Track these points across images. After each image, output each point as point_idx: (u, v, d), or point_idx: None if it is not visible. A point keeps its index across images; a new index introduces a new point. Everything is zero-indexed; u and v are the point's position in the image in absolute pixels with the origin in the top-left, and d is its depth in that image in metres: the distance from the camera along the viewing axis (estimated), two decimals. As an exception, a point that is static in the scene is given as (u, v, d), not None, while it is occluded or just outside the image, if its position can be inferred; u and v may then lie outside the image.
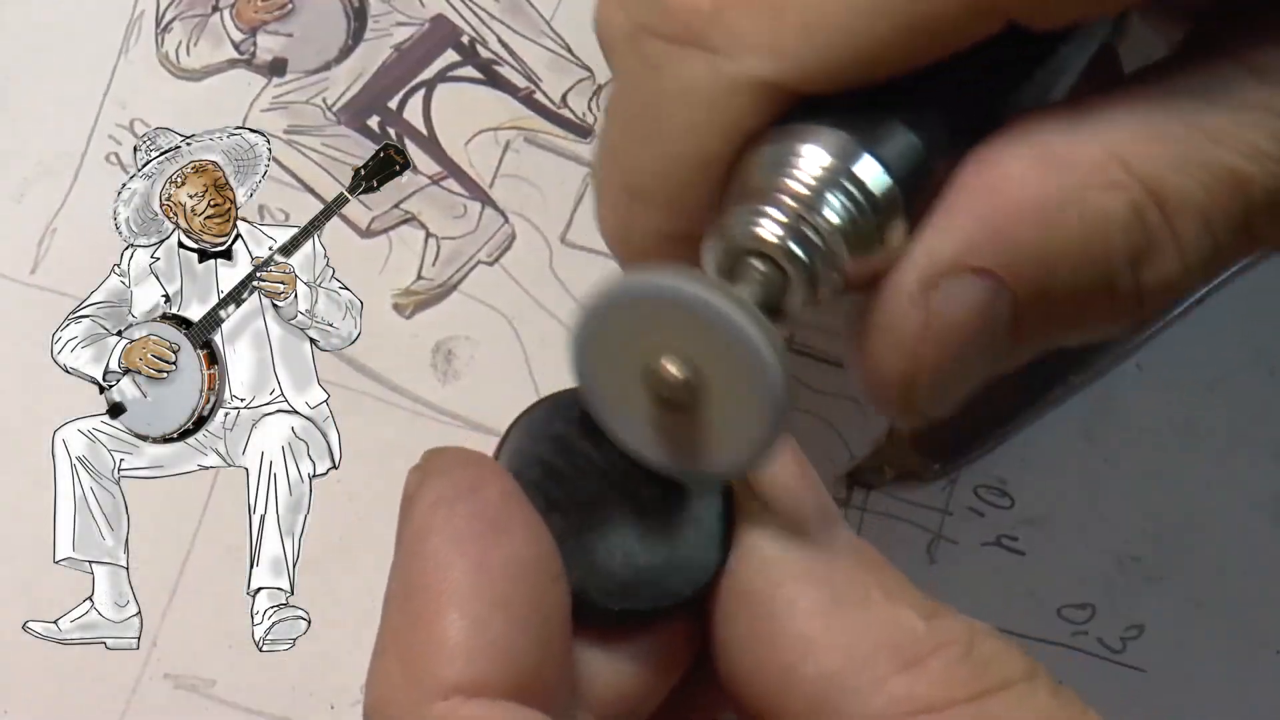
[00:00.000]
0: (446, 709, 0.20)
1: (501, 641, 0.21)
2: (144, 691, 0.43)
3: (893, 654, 0.21)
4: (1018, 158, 0.24)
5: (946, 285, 0.24)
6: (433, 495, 0.22)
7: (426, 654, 0.21)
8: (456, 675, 0.21)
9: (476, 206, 0.47)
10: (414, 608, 0.21)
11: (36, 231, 0.46)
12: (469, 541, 0.22)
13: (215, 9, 0.48)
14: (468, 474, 0.23)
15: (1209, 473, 0.45)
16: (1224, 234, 0.24)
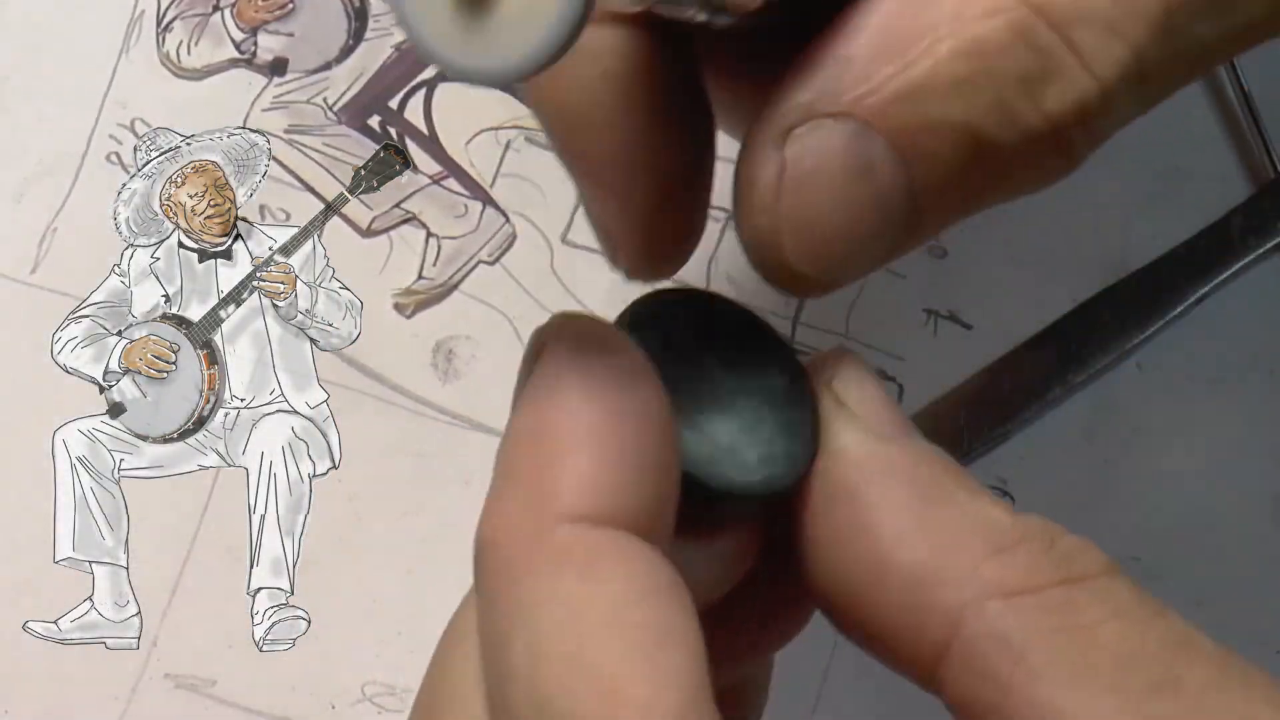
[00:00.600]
0: (572, 533, 0.21)
1: (630, 483, 0.21)
2: (144, 691, 0.43)
3: (982, 542, 0.22)
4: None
5: (802, 132, 0.23)
6: (568, 346, 0.22)
7: (555, 485, 0.21)
8: (585, 504, 0.21)
9: (477, 206, 0.47)
10: (544, 445, 0.22)
11: (36, 231, 0.46)
12: (605, 389, 0.22)
13: (216, 8, 0.48)
14: (601, 333, 0.23)
15: (1209, 473, 0.45)
16: (1143, 39, 0.22)
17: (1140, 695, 0.21)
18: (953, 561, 0.22)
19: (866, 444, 0.23)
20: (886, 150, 0.23)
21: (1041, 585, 0.22)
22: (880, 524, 0.23)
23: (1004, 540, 0.22)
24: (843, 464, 0.23)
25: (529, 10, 0.21)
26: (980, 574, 0.22)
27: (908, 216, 0.24)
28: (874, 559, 0.22)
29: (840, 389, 0.24)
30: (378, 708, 0.43)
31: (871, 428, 0.24)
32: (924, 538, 0.22)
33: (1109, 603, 0.22)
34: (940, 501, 0.23)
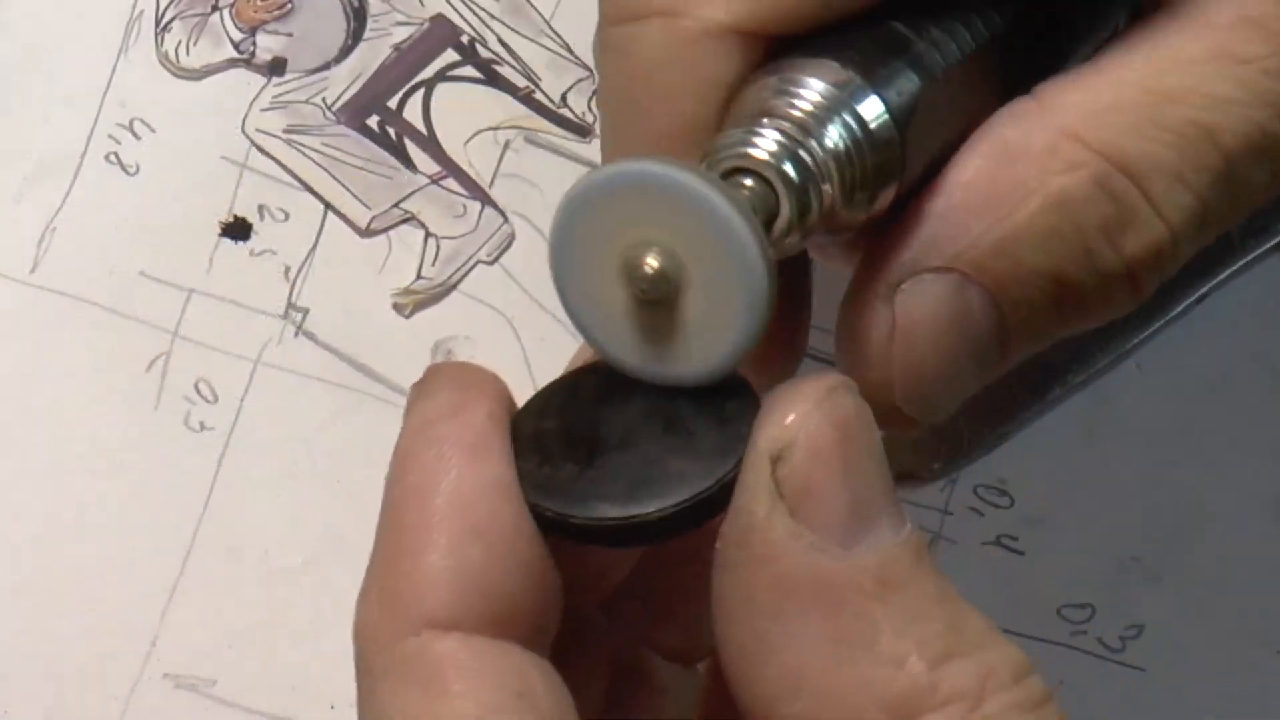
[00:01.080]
0: (420, 644, 0.20)
1: (477, 572, 0.21)
2: (144, 691, 0.43)
3: (887, 711, 0.20)
4: (974, 154, 0.24)
5: (910, 286, 0.24)
6: (419, 418, 0.22)
7: (403, 585, 0.21)
8: (431, 609, 0.20)
9: (476, 206, 0.47)
10: (393, 536, 0.21)
11: (36, 231, 0.46)
12: (451, 465, 0.21)
13: (215, 8, 0.48)
14: (455, 395, 0.22)
15: (1209, 473, 0.45)
16: (1206, 188, 0.24)
17: None
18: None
19: (791, 555, 0.21)
20: (983, 298, 0.24)
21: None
22: (780, 660, 0.20)
23: (915, 707, 0.20)
24: (758, 574, 0.21)
25: (711, 323, 0.21)
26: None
27: (998, 358, 0.25)
28: (769, 692, 0.21)
29: (783, 473, 0.21)
30: (377, 708, 0.43)
31: (806, 531, 0.21)
32: (821, 694, 0.20)
33: None
34: (856, 647, 0.20)
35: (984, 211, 0.23)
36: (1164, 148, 0.24)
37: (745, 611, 0.21)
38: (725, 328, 0.21)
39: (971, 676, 0.20)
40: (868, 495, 0.21)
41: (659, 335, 0.22)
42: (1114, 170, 0.24)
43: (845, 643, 0.20)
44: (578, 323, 0.23)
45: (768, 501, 0.21)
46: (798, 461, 0.21)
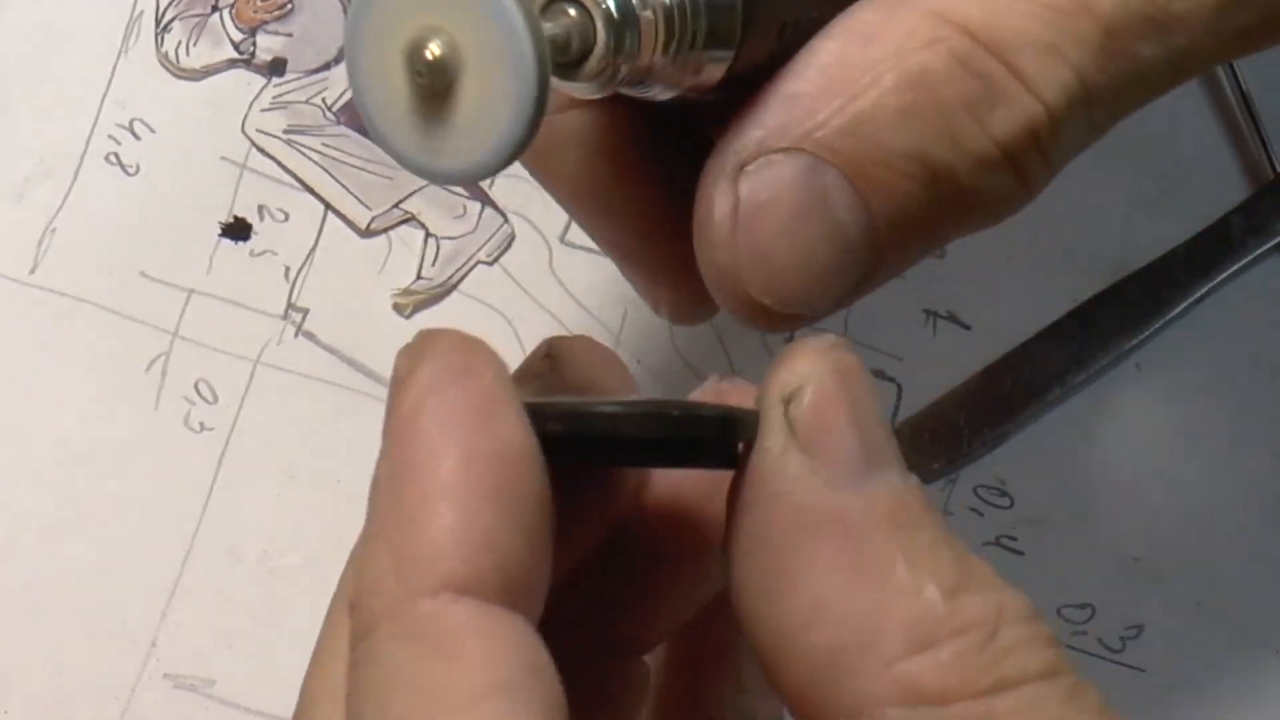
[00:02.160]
0: (435, 607, 0.20)
1: (490, 536, 0.20)
2: (144, 691, 0.43)
3: (906, 634, 0.20)
4: (830, 37, 0.23)
5: (755, 168, 0.23)
6: (424, 379, 0.21)
7: (416, 547, 0.20)
8: (446, 572, 0.20)
9: (476, 206, 0.47)
10: (403, 497, 0.21)
11: (36, 231, 0.46)
12: (459, 429, 0.21)
13: (215, 9, 0.48)
14: (460, 358, 0.22)
15: (1209, 473, 0.45)
16: (1086, 62, 0.23)
17: None
18: (864, 652, 0.20)
19: (806, 491, 0.21)
20: (840, 182, 0.23)
21: (959, 693, 0.20)
22: (800, 592, 0.21)
23: (934, 632, 0.20)
24: (774, 510, 0.21)
25: (483, 116, 0.21)
26: (893, 671, 0.20)
27: (867, 251, 0.24)
28: (787, 626, 0.21)
29: (795, 412, 0.21)
30: (377, 708, 0.43)
31: (819, 467, 0.21)
32: (840, 618, 0.20)
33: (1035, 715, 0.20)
34: (874, 572, 0.20)
35: (837, 91, 0.23)
36: (1033, 21, 0.22)
37: (763, 548, 0.21)
38: (497, 120, 0.21)
39: (987, 609, 0.21)
40: (875, 439, 0.22)
41: (436, 128, 0.21)
42: (976, 45, 0.23)
43: (863, 571, 0.20)
44: (363, 112, 0.22)
45: (782, 439, 0.21)
46: (808, 401, 0.21)
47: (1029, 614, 0.21)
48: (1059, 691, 0.20)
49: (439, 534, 0.20)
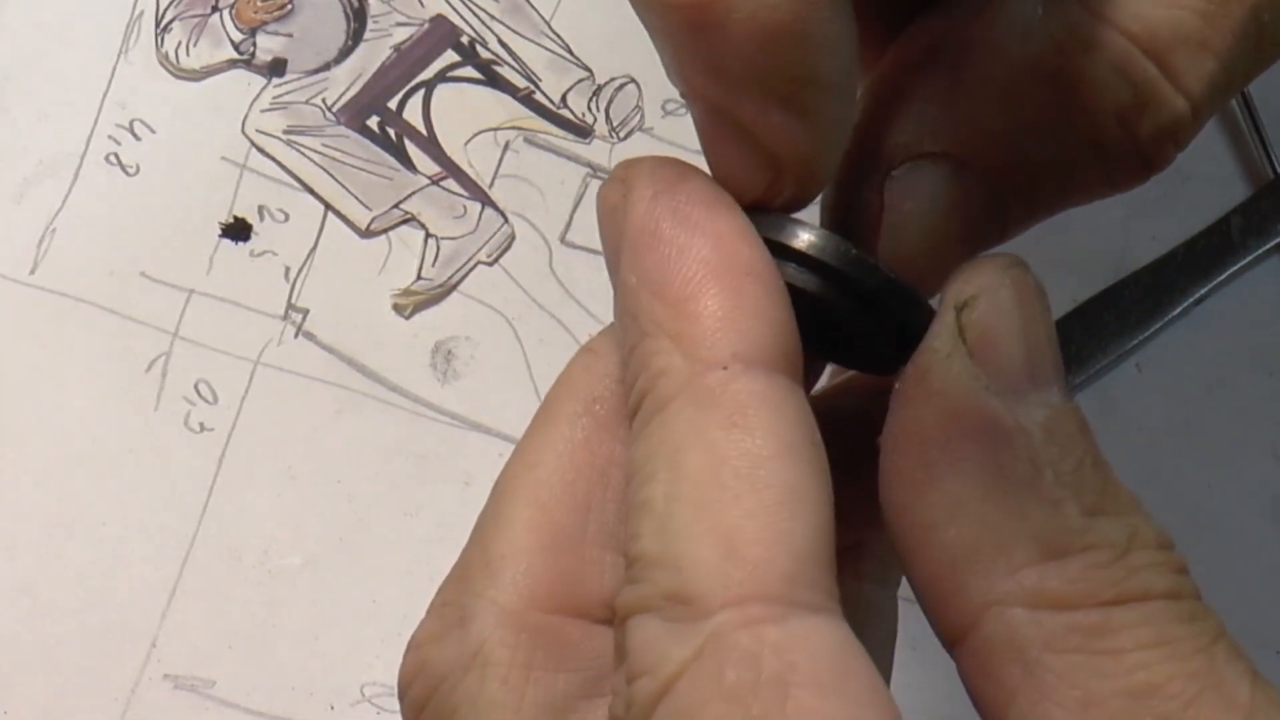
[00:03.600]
0: (727, 376, 0.21)
1: (761, 307, 0.21)
2: (144, 691, 0.43)
3: (1037, 543, 0.21)
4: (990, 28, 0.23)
5: (902, 173, 0.24)
6: (648, 190, 0.23)
7: (696, 328, 0.21)
8: (732, 343, 0.21)
9: (476, 207, 0.47)
10: (668, 289, 0.22)
11: (36, 231, 0.46)
12: (700, 220, 0.22)
13: (215, 9, 0.48)
14: (673, 169, 0.23)
15: (1209, 473, 0.45)
16: (1230, 47, 0.23)
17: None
18: (994, 553, 0.21)
19: (966, 394, 0.22)
20: (980, 186, 0.24)
21: (1081, 601, 0.20)
22: (942, 487, 0.21)
23: (1065, 545, 0.21)
24: (931, 407, 0.22)
25: None
26: (1018, 576, 0.21)
27: (998, 234, 0.25)
28: (924, 519, 0.21)
29: (967, 319, 0.22)
30: (377, 708, 0.43)
31: (983, 375, 0.22)
32: (976, 519, 0.21)
33: (1150, 629, 0.20)
34: (1016, 483, 0.21)
35: (994, 95, 0.23)
36: (1188, 15, 0.23)
37: (915, 442, 0.22)
38: None
39: (1120, 531, 0.21)
40: (1041, 356, 0.22)
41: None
42: (1136, 51, 0.23)
43: (1007, 478, 0.21)
44: None
45: (950, 341, 0.22)
46: (981, 310, 0.22)
47: (1161, 542, 0.22)
48: (1179, 612, 0.21)
49: (716, 310, 0.21)
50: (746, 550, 0.20)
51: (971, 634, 0.21)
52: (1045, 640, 0.20)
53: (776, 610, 0.20)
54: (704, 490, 0.21)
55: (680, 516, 0.21)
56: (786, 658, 0.19)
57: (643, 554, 0.21)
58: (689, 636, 0.20)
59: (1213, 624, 0.21)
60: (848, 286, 0.23)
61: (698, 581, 0.20)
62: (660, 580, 0.20)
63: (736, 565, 0.20)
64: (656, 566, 0.21)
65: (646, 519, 0.21)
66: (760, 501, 0.20)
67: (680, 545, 0.20)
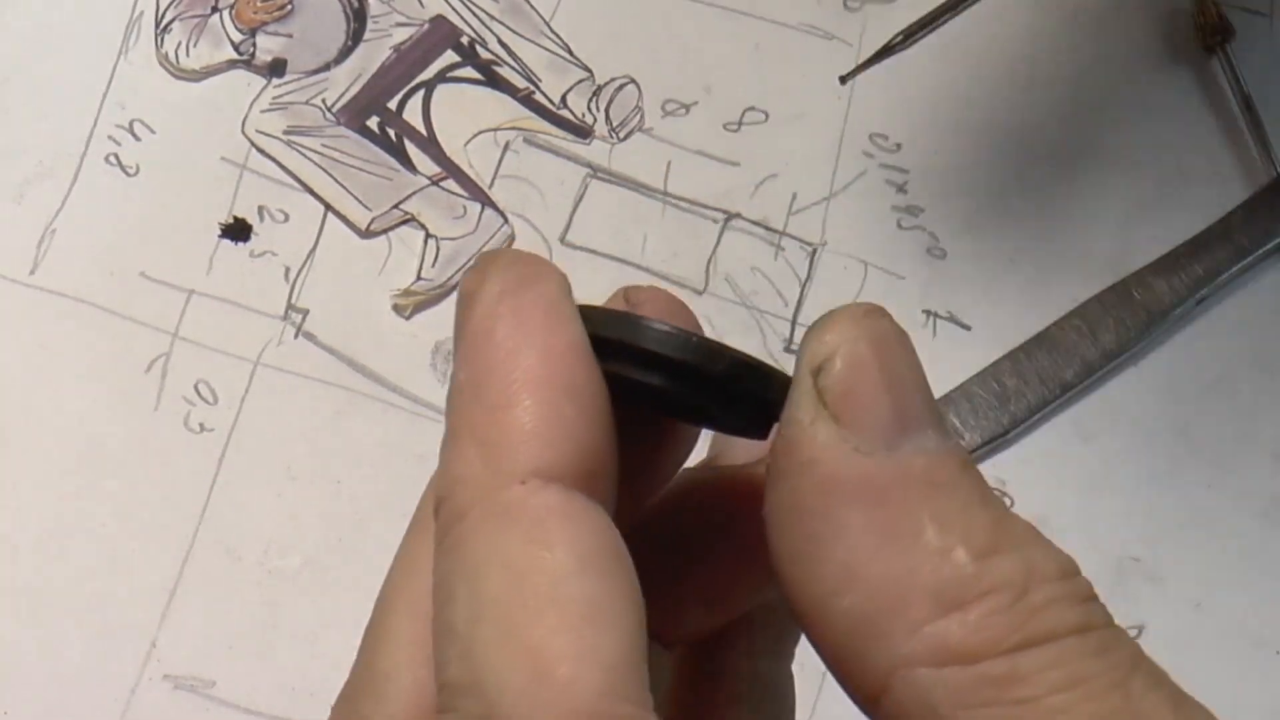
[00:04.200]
0: (525, 492, 0.21)
1: (572, 427, 0.21)
2: (144, 691, 0.43)
3: (933, 597, 0.20)
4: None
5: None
6: (496, 288, 0.22)
7: (504, 437, 0.21)
8: (534, 459, 0.21)
9: (476, 207, 0.47)
10: (487, 394, 0.22)
11: (36, 232, 0.46)
12: (535, 329, 0.22)
13: (215, 9, 0.48)
14: (527, 268, 0.23)
15: (1208, 473, 0.45)
16: None
17: None
18: (892, 616, 0.20)
19: (835, 459, 0.21)
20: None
21: (986, 652, 0.20)
22: (831, 558, 0.21)
23: (961, 594, 0.20)
24: (804, 478, 0.21)
25: None
26: (919, 635, 0.20)
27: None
28: (819, 591, 0.21)
29: (824, 382, 0.22)
30: (377, 708, 0.43)
31: (850, 435, 0.21)
32: (868, 584, 0.21)
33: (1061, 670, 0.20)
34: (903, 539, 0.21)
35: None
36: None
37: (796, 517, 0.22)
38: None
39: (1017, 569, 0.21)
40: (909, 404, 0.22)
41: None
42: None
43: (891, 536, 0.21)
44: None
45: (812, 409, 0.22)
46: (838, 371, 0.22)
47: (1062, 572, 0.21)
48: (1090, 646, 0.20)
49: (526, 423, 0.21)
50: (554, 669, 0.20)
51: (884, 699, 0.20)
52: (956, 698, 0.20)
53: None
54: (505, 610, 0.20)
55: (483, 639, 0.20)
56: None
57: (449, 682, 0.21)
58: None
59: (1127, 653, 0.21)
60: (698, 376, 0.23)
61: (507, 707, 0.20)
62: (469, 709, 0.20)
63: (545, 686, 0.20)
64: (464, 695, 0.20)
65: (451, 644, 0.21)
66: (563, 618, 0.20)
67: (485, 671, 0.20)
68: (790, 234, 0.46)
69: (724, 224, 0.46)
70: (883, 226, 0.47)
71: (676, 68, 0.48)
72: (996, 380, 0.45)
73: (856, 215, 0.47)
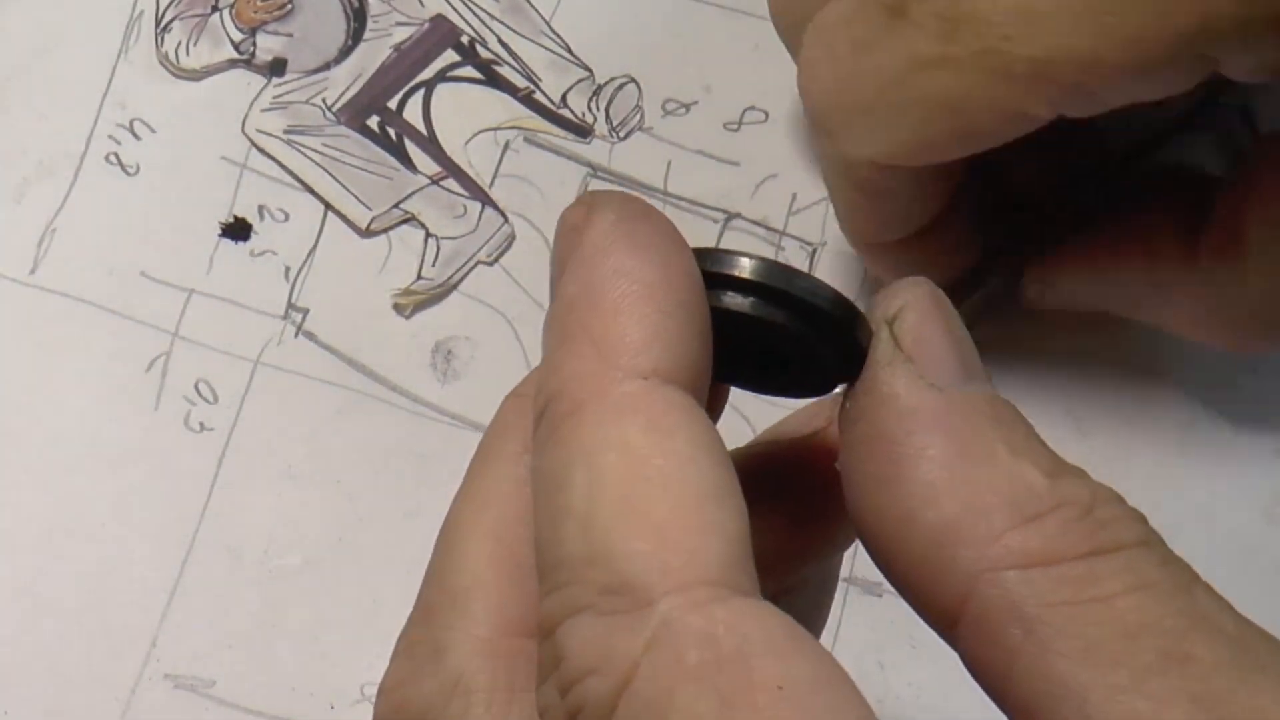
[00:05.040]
0: (643, 387, 0.22)
1: (686, 339, 0.22)
2: (144, 691, 0.43)
3: (1011, 508, 0.22)
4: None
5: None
6: (612, 215, 0.23)
7: (623, 338, 0.22)
8: (655, 360, 0.22)
9: (476, 206, 0.47)
10: (605, 301, 0.23)
11: (36, 232, 0.46)
12: (654, 250, 0.23)
13: (215, 9, 0.48)
14: (639, 204, 0.24)
15: (1209, 473, 0.45)
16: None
17: (1145, 669, 0.21)
18: (975, 525, 0.22)
19: (913, 392, 0.23)
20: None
21: (1063, 556, 0.22)
22: (912, 478, 0.23)
23: (1035, 507, 0.22)
24: (886, 410, 0.23)
25: None
26: (1002, 541, 0.22)
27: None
28: (902, 510, 0.23)
29: (899, 329, 0.24)
30: (377, 708, 0.43)
31: (923, 373, 0.24)
32: (952, 497, 0.22)
33: (1131, 574, 0.22)
34: (978, 459, 0.23)
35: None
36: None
37: (876, 446, 0.23)
38: None
39: (1082, 489, 0.23)
40: (969, 354, 0.24)
41: None
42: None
43: (969, 456, 0.23)
44: None
45: (890, 351, 0.24)
46: (910, 320, 0.24)
47: (1120, 498, 0.23)
48: (1154, 557, 0.22)
49: (651, 327, 0.22)
50: (682, 539, 0.21)
51: (967, 607, 0.22)
52: (1039, 597, 0.21)
53: (720, 592, 0.20)
54: (627, 488, 0.21)
55: (605, 514, 0.21)
56: (741, 632, 0.20)
57: (567, 557, 0.21)
58: (637, 627, 0.20)
59: (1186, 567, 0.22)
60: (798, 307, 0.24)
61: (635, 573, 0.20)
62: (592, 578, 0.21)
63: (674, 553, 0.20)
64: (586, 565, 0.21)
65: (567, 523, 0.21)
66: (687, 495, 0.21)
67: (610, 540, 0.21)
68: (790, 234, 0.46)
69: (724, 224, 0.46)
70: (883, 226, 0.47)
71: (676, 67, 0.48)
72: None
73: (856, 215, 0.47)
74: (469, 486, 0.26)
